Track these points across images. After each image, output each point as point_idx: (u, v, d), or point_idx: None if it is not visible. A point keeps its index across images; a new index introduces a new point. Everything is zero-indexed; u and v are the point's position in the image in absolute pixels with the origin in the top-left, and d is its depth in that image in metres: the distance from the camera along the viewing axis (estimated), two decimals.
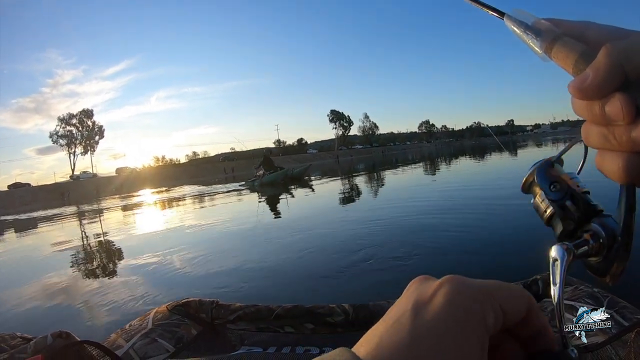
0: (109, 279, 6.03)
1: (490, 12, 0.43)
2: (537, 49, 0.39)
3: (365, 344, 0.32)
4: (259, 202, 16.15)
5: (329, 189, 18.87)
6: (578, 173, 0.44)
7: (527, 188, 0.46)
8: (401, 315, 0.33)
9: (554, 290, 0.38)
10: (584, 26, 0.38)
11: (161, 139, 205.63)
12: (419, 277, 0.38)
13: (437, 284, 0.35)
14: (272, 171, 24.40)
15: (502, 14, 0.42)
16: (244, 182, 27.67)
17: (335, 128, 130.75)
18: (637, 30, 0.35)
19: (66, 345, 1.15)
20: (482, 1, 0.45)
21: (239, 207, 15.19)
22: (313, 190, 18.65)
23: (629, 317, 1.08)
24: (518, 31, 0.40)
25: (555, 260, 0.38)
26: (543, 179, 0.44)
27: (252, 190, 22.27)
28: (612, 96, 0.33)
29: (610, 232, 0.38)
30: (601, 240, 0.39)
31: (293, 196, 16.56)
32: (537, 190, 0.44)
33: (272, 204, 14.49)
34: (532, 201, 0.45)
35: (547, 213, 0.43)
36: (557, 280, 0.38)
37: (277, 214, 11.49)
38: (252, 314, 1.47)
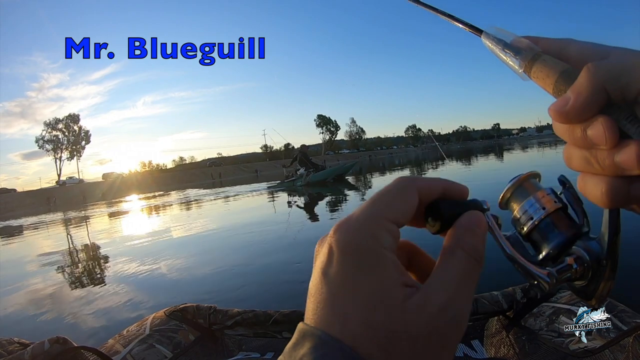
0: (106, 285, 5.95)
1: (468, 30, 0.42)
2: (516, 67, 0.38)
3: (307, 315, 0.33)
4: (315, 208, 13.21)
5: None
6: None
7: (504, 204, 0.44)
8: (316, 284, 0.33)
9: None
10: (564, 43, 0.37)
11: (148, 144, 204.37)
12: (318, 242, 0.37)
13: (327, 240, 0.34)
14: (313, 169, 21.73)
15: (479, 31, 0.41)
16: (277, 183, 24.86)
17: (322, 133, 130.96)
18: (617, 47, 0.34)
19: (63, 351, 1.15)
20: (460, 18, 0.44)
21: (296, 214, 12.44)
22: (358, 189, 17.36)
23: (628, 321, 1.09)
24: (496, 49, 0.39)
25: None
26: (519, 196, 0.42)
27: (291, 190, 19.84)
28: (595, 119, 0.32)
29: (595, 256, 0.37)
30: (585, 265, 0.37)
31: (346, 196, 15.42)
32: (515, 206, 0.43)
33: (331, 207, 12.74)
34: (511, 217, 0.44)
35: (525, 230, 0.41)
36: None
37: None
38: (249, 320, 1.46)
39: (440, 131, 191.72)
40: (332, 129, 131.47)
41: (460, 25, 0.43)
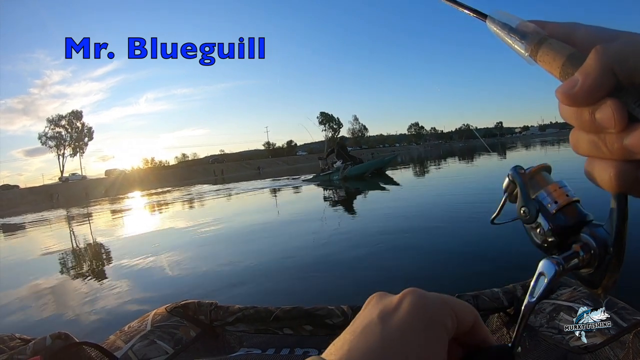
0: (107, 281, 5.99)
1: (473, 15, 0.41)
2: (522, 51, 0.37)
3: (335, 351, 0.34)
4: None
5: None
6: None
7: (514, 198, 0.44)
8: (368, 324, 0.36)
9: (527, 301, 0.38)
10: (571, 27, 0.36)
11: (150, 140, 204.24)
12: (377, 293, 0.41)
13: (400, 295, 0.38)
14: (351, 162, 20.77)
15: (484, 16, 0.40)
16: (312, 176, 23.24)
17: (325, 130, 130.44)
18: (626, 31, 0.33)
19: (65, 347, 1.15)
20: (464, 3, 0.43)
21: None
22: (397, 184, 16.33)
23: (628, 318, 1.09)
24: (501, 34, 0.38)
25: (541, 274, 0.38)
26: (530, 189, 0.42)
27: (327, 185, 18.90)
28: (603, 102, 0.31)
29: (602, 243, 0.37)
30: (592, 252, 0.37)
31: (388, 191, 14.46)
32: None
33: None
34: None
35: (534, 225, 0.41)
36: (536, 294, 0.38)
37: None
38: (250, 316, 1.47)
39: (443, 129, 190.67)
40: (334, 126, 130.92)
41: (465, 11, 0.42)
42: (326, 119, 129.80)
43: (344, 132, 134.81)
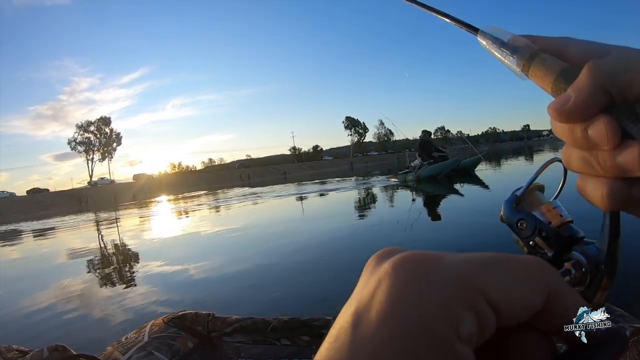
0: (105, 291, 6.00)
1: (464, 28, 0.41)
2: (513, 67, 0.36)
3: None
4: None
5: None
6: (556, 197, 0.42)
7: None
8: (339, 329, 0.25)
9: None
10: (563, 42, 0.35)
11: (177, 146, 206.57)
12: (377, 254, 0.29)
13: (382, 270, 0.26)
14: (429, 161, 17.74)
15: (475, 30, 0.39)
16: (395, 177, 20.26)
17: (351, 135, 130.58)
18: (617, 45, 0.32)
19: (62, 359, 1.17)
20: (455, 17, 0.42)
21: None
22: (486, 186, 13.83)
23: (625, 326, 1.07)
24: (492, 48, 0.38)
25: None
26: (518, 212, 0.41)
27: (404, 186, 17.11)
28: (596, 119, 0.31)
29: (593, 260, 0.36)
30: (583, 269, 0.37)
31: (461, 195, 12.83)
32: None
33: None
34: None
35: (526, 249, 0.40)
36: None
37: None
38: (248, 327, 1.47)
39: (470, 132, 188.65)
40: (360, 130, 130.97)
41: (456, 24, 0.42)
42: (351, 124, 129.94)
43: (369, 136, 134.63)
